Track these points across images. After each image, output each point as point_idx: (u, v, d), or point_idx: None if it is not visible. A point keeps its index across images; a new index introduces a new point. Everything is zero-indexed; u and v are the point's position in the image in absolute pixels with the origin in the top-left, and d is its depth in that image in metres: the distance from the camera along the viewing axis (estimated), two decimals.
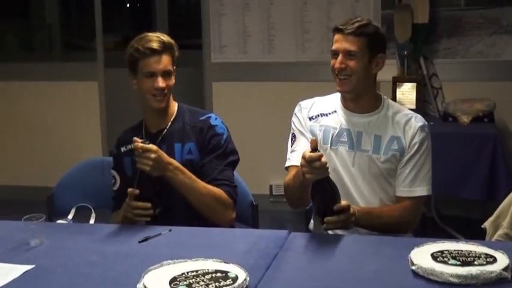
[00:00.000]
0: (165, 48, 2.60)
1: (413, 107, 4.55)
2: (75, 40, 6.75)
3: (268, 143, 2.78)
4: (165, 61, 2.61)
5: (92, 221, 2.77)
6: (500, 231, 2.73)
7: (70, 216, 2.59)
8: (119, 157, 2.78)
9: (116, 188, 2.70)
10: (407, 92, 4.76)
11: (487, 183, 4.14)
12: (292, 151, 2.65)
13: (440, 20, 5.02)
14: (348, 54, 2.48)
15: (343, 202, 2.36)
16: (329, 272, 2.05)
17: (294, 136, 2.69)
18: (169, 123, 2.75)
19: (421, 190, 2.55)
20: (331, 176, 2.45)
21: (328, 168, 2.24)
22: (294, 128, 2.71)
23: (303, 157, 2.21)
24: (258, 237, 2.36)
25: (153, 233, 2.38)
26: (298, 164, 2.42)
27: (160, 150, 2.47)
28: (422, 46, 4.93)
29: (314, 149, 2.21)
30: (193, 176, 2.58)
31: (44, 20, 6.77)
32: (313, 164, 2.18)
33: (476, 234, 2.70)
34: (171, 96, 2.72)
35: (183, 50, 2.82)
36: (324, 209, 2.27)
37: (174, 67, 2.69)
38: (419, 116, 2.64)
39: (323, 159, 2.20)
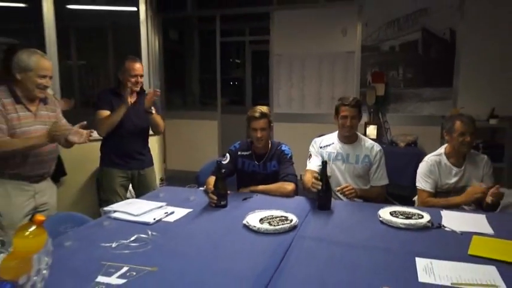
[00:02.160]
0: (261, 115, 2.49)
1: (375, 137, 4.49)
2: (206, 100, 6.84)
3: (300, 153, 2.75)
4: (261, 123, 2.49)
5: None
6: None
7: (204, 188, 2.59)
8: (236, 154, 2.64)
9: (224, 162, 2.56)
10: (372, 129, 4.67)
11: (413, 177, 4.04)
12: (309, 162, 2.57)
13: (390, 94, 4.89)
14: (352, 117, 2.46)
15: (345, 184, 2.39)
16: (335, 219, 2.05)
17: (310, 156, 2.61)
18: (268, 152, 2.61)
19: (384, 181, 2.53)
20: (334, 177, 2.51)
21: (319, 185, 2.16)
22: (311, 151, 2.63)
23: (313, 177, 2.19)
24: (300, 200, 2.36)
25: (249, 196, 2.39)
26: (312, 169, 2.46)
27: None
28: (380, 107, 4.85)
29: (319, 175, 2.19)
30: (262, 186, 2.47)
31: (192, 90, 6.91)
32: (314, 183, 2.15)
33: (409, 204, 2.62)
34: (267, 137, 2.56)
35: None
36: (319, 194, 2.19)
37: (271, 125, 2.57)
38: (377, 143, 2.59)
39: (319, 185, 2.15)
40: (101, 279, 1.38)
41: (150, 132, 3.02)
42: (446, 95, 4.73)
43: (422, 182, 2.46)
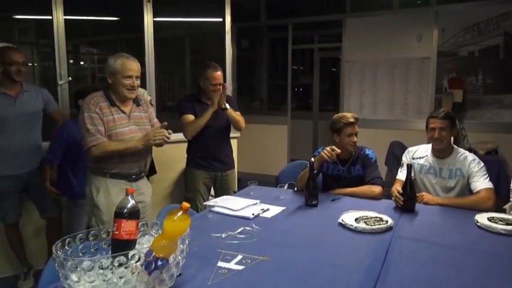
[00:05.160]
0: (357, 120, 2.54)
1: (452, 144, 4.34)
2: (273, 105, 6.94)
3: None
4: (356, 128, 2.53)
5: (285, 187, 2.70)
6: None
7: (285, 187, 2.66)
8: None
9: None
10: None
11: (495, 185, 3.86)
12: (401, 172, 2.52)
13: (468, 100, 4.72)
14: (441, 129, 2.37)
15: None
16: (428, 222, 2.05)
17: (402, 165, 2.54)
18: (352, 157, 2.60)
19: (485, 185, 2.30)
20: (425, 191, 2.44)
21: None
22: (403, 161, 2.56)
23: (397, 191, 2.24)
24: (389, 203, 2.32)
25: (337, 198, 2.43)
26: (401, 179, 2.42)
27: None
28: (457, 114, 4.66)
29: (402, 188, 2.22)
30: (349, 188, 2.50)
31: (261, 97, 7.05)
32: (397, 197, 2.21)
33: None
34: None
35: (330, 112, 2.74)
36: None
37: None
38: (471, 154, 2.45)
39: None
40: (221, 264, 1.51)
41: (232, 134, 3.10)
42: None
43: None
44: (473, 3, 4.66)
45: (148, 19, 3.62)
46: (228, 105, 2.88)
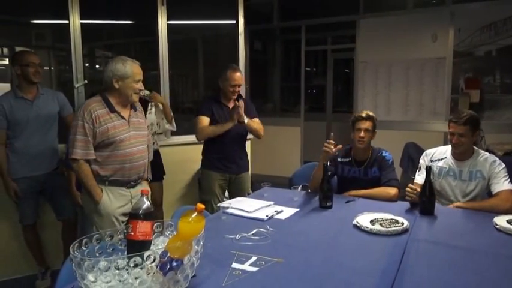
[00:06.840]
0: (367, 117, 2.52)
1: (473, 146, 4.27)
2: (287, 107, 6.93)
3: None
4: (367, 124, 2.50)
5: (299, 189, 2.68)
6: None
7: (299, 189, 2.65)
8: (335, 161, 2.63)
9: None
10: None
11: None
12: (418, 175, 2.49)
13: (485, 100, 4.63)
14: (459, 135, 2.31)
15: None
16: (446, 224, 2.01)
17: (420, 168, 2.52)
18: (368, 159, 2.59)
19: (506, 187, 2.23)
20: (444, 194, 2.41)
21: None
22: (421, 164, 2.52)
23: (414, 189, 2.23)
24: (405, 205, 2.29)
25: (351, 199, 2.41)
26: (419, 182, 2.39)
27: None
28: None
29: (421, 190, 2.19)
30: (364, 190, 2.47)
31: (273, 99, 7.04)
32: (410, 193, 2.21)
33: None
34: (369, 141, 2.55)
35: (343, 114, 2.72)
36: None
37: (375, 131, 2.55)
38: (491, 155, 2.39)
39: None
40: (235, 265, 1.51)
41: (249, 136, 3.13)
42: None
43: None
44: (490, 2, 4.58)
45: (162, 22, 3.66)
46: (246, 119, 2.88)
